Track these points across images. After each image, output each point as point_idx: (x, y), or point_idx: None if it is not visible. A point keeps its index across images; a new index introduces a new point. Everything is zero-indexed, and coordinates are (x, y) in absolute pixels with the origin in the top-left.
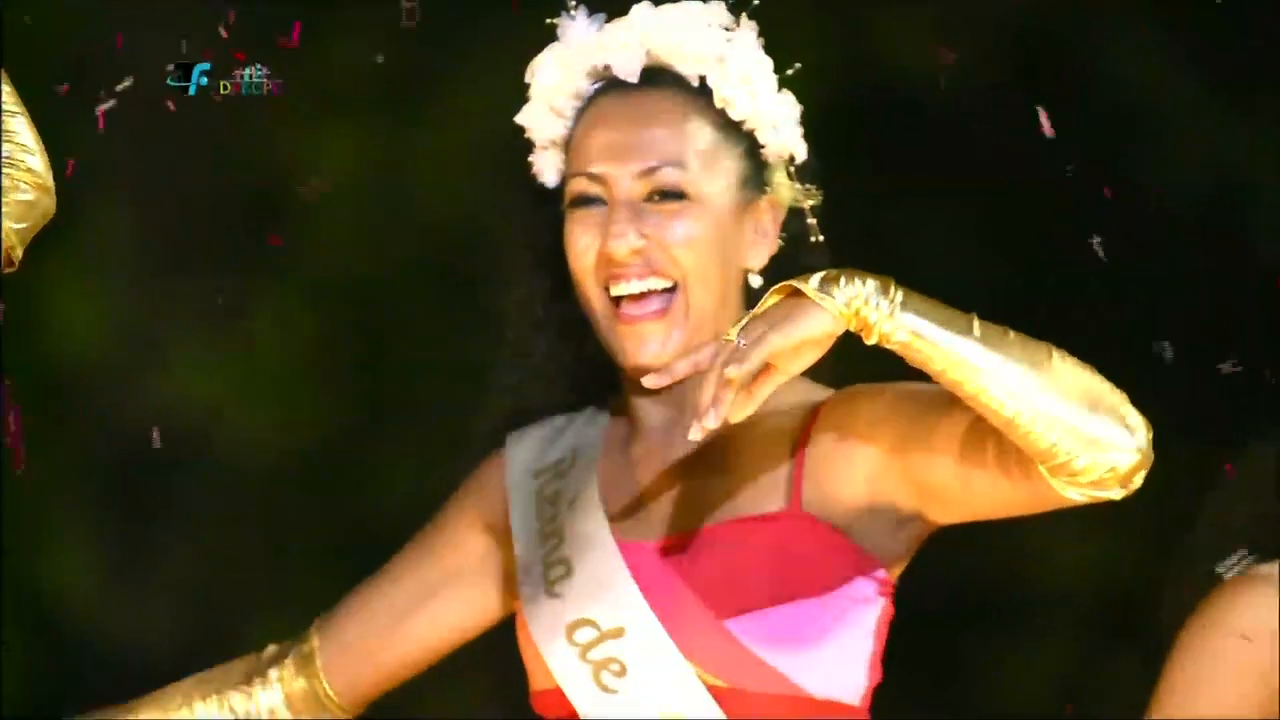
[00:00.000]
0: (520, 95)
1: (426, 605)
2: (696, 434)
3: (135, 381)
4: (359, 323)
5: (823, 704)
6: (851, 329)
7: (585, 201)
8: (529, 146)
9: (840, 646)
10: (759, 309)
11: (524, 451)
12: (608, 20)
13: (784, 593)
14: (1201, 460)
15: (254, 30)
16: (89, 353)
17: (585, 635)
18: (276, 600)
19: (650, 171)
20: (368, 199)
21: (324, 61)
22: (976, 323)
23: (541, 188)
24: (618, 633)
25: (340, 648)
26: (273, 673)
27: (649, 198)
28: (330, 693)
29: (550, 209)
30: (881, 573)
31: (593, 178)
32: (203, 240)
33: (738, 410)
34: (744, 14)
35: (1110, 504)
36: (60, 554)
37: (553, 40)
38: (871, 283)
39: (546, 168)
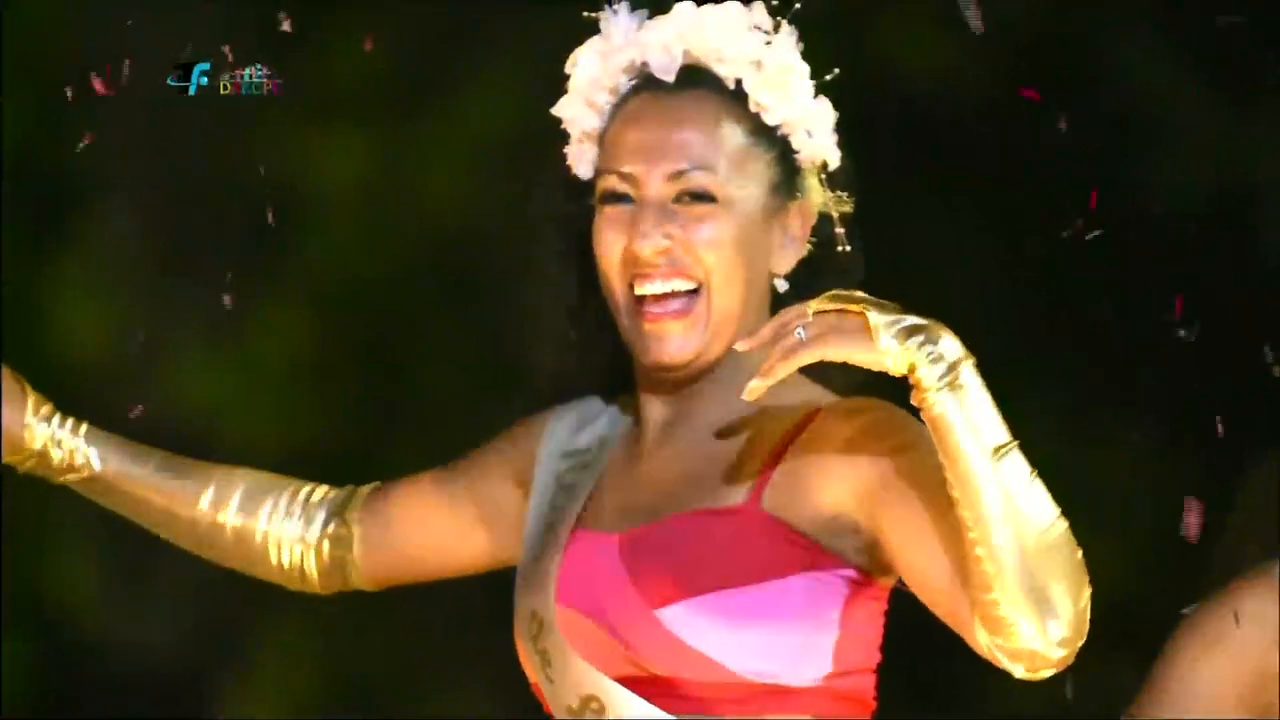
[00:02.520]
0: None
1: (472, 535)
2: (749, 394)
3: (136, 382)
4: (360, 323)
5: (771, 689)
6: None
7: (615, 199)
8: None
9: (784, 633)
10: (838, 305)
11: (560, 430)
12: (649, 17)
13: (718, 581)
14: (1204, 461)
15: (253, 29)
16: (89, 353)
17: (534, 628)
18: (277, 600)
19: (679, 174)
20: (369, 199)
21: (325, 61)
22: (1010, 452)
23: (575, 179)
24: (543, 624)
25: (381, 545)
26: (311, 533)
27: (678, 199)
28: (361, 569)
29: (583, 201)
30: (848, 571)
31: (623, 176)
32: (204, 240)
33: (752, 390)
34: (784, 20)
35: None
36: (60, 554)
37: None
38: (949, 349)
39: (580, 160)
